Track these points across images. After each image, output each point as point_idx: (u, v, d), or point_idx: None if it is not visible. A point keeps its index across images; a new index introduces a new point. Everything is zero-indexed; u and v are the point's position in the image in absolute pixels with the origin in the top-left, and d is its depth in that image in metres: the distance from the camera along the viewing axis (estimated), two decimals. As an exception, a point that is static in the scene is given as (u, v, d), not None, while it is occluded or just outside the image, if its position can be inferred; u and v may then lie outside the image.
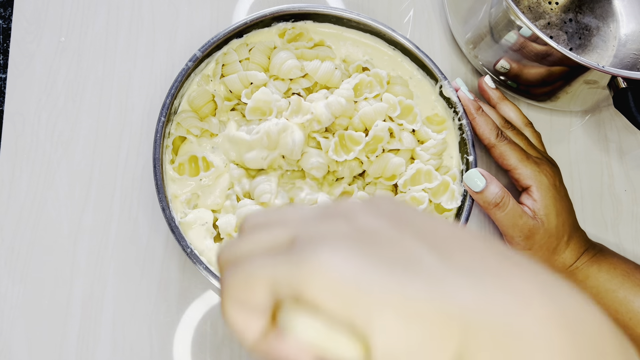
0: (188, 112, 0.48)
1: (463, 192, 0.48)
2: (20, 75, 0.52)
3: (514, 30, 0.47)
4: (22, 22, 0.53)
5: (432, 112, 0.51)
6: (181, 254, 0.49)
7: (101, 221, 0.49)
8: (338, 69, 0.50)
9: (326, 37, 0.52)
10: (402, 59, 0.52)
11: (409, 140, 0.49)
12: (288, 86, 0.50)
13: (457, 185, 0.49)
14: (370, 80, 0.50)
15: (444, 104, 0.51)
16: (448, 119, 0.51)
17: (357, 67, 0.51)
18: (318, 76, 0.49)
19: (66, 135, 0.51)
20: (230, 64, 0.49)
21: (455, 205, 0.48)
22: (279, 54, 0.49)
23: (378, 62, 0.52)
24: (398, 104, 0.49)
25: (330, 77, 0.50)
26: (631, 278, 0.46)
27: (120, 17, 0.54)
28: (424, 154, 0.49)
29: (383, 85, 0.50)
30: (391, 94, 0.49)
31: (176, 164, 0.47)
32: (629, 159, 0.57)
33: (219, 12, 0.56)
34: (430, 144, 0.49)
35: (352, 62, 0.52)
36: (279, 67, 0.49)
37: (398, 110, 0.49)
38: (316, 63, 0.49)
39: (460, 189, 0.49)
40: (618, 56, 0.57)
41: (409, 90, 0.51)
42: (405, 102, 0.49)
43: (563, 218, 0.46)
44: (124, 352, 0.47)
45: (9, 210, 0.49)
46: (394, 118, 0.49)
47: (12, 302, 0.47)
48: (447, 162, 0.50)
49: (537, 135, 0.51)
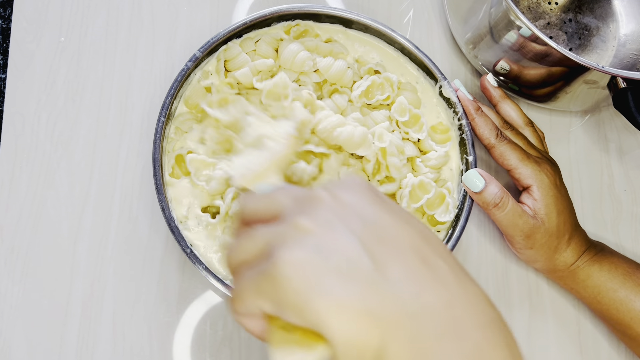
0: (186, 115, 0.48)
1: (458, 205, 0.48)
2: (20, 75, 0.52)
3: (514, 31, 0.47)
4: (21, 22, 0.53)
5: (437, 120, 0.51)
6: (181, 254, 0.49)
7: (101, 221, 0.49)
8: (350, 69, 0.50)
9: (333, 34, 0.52)
10: (404, 60, 0.52)
11: (411, 151, 0.49)
12: (297, 77, 0.50)
13: (452, 199, 0.49)
14: (382, 82, 0.50)
15: (445, 105, 0.51)
16: (451, 127, 0.51)
17: (369, 70, 0.51)
18: (330, 74, 0.49)
19: (66, 135, 0.51)
20: (234, 57, 0.49)
21: (448, 219, 0.48)
22: (289, 46, 0.49)
23: (389, 66, 0.52)
24: (408, 111, 0.49)
25: (342, 76, 0.49)
26: (632, 277, 0.46)
27: (120, 17, 0.54)
28: (422, 167, 0.49)
29: (394, 89, 0.50)
30: (403, 98, 0.49)
31: (169, 169, 0.47)
32: (628, 159, 0.57)
33: (219, 12, 0.56)
34: (432, 155, 0.49)
35: (365, 63, 0.51)
36: (292, 59, 0.48)
37: (407, 116, 0.49)
38: (329, 60, 0.49)
39: (455, 202, 0.49)
40: (618, 56, 0.57)
41: (417, 98, 0.51)
42: (413, 112, 0.49)
43: (564, 217, 0.46)
44: (123, 352, 0.47)
45: (8, 210, 0.49)
46: (400, 124, 0.49)
47: (12, 302, 0.47)
48: (446, 174, 0.50)
49: (538, 135, 0.51)
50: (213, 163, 0.47)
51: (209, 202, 0.47)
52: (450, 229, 0.48)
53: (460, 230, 0.47)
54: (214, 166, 0.47)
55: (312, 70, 0.50)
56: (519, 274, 0.52)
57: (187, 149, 0.47)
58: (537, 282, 0.52)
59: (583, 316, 0.52)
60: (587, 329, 0.52)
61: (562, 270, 0.48)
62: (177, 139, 0.48)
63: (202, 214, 0.46)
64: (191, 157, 0.46)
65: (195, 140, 0.48)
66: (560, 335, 0.51)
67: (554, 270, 0.48)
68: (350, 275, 0.23)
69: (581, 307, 0.52)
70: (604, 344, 0.52)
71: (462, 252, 0.52)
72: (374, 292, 0.23)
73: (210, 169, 0.47)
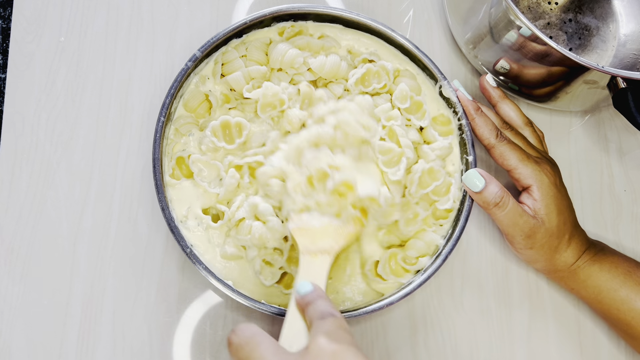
0: (185, 118, 0.48)
1: (461, 197, 0.48)
2: (20, 75, 0.52)
3: (514, 30, 0.47)
4: (21, 22, 0.53)
5: (438, 112, 0.51)
6: (181, 254, 0.49)
7: (101, 221, 0.49)
8: (344, 61, 0.50)
9: (327, 31, 0.52)
10: (403, 59, 0.52)
11: (415, 137, 0.49)
12: (291, 77, 0.49)
13: (457, 190, 0.48)
14: (377, 70, 0.49)
15: (444, 104, 0.51)
16: (452, 120, 0.51)
17: (363, 60, 0.50)
18: (325, 71, 0.49)
19: (66, 135, 0.51)
20: (231, 62, 0.49)
21: (448, 206, 0.48)
22: (277, 47, 0.49)
23: (384, 55, 0.52)
24: (409, 98, 0.49)
25: (337, 71, 0.49)
26: (633, 277, 0.46)
27: (120, 17, 0.54)
28: (430, 153, 0.48)
29: (390, 78, 0.50)
30: (404, 85, 0.49)
31: (170, 170, 0.47)
32: (628, 159, 0.57)
33: (219, 12, 0.56)
34: (437, 145, 0.49)
35: (357, 54, 0.51)
36: (281, 59, 0.48)
37: (408, 102, 0.49)
38: (321, 59, 0.49)
39: (459, 193, 0.49)
40: (618, 56, 0.57)
41: (417, 84, 0.51)
42: (415, 99, 0.49)
43: (564, 217, 0.46)
44: (123, 352, 0.47)
45: (8, 210, 0.49)
46: (402, 110, 0.49)
47: (12, 302, 0.47)
48: (450, 168, 0.50)
49: (537, 135, 0.51)
50: (216, 166, 0.47)
51: (210, 204, 0.47)
52: (450, 228, 0.48)
53: (460, 230, 0.47)
54: (218, 170, 0.47)
55: (303, 66, 0.49)
56: (519, 274, 0.52)
57: (188, 153, 0.47)
58: (537, 282, 0.52)
59: (583, 316, 0.52)
60: (587, 329, 0.52)
61: (562, 271, 0.48)
62: (177, 141, 0.48)
63: (203, 215, 0.46)
64: (194, 158, 0.46)
65: (197, 146, 0.48)
66: (560, 335, 0.51)
67: (555, 271, 0.48)
68: None
69: (581, 307, 0.52)
70: (604, 344, 0.52)
71: (462, 252, 0.52)
72: None
73: (215, 170, 0.47)
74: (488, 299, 0.51)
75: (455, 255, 0.52)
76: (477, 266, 0.52)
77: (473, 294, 0.51)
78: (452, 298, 0.51)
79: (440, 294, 0.51)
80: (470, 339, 0.50)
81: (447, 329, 0.50)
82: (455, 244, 0.47)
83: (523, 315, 0.51)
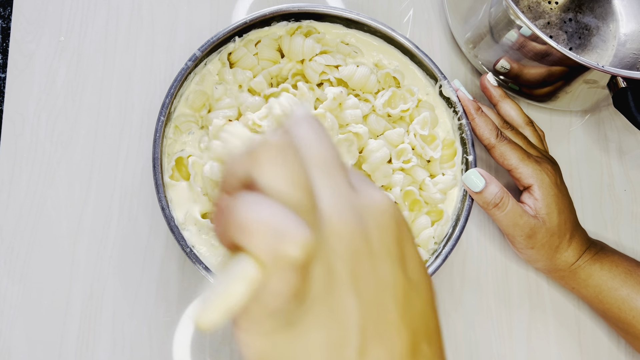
0: (186, 116, 0.48)
1: (448, 232, 0.48)
2: (19, 75, 0.52)
3: (514, 30, 0.47)
4: (21, 22, 0.53)
5: (447, 135, 0.51)
6: (181, 254, 0.49)
7: (101, 221, 0.49)
8: (373, 74, 0.50)
9: (339, 37, 0.52)
10: (406, 60, 0.52)
11: (421, 175, 0.49)
12: (319, 80, 0.50)
13: (444, 226, 0.49)
14: (403, 94, 0.50)
15: (445, 104, 0.51)
16: (455, 140, 0.51)
17: (387, 75, 0.50)
18: (354, 81, 0.49)
19: (66, 135, 0.51)
20: (240, 59, 0.49)
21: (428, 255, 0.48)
22: (293, 40, 0.49)
23: (384, 56, 0.52)
24: (429, 127, 0.49)
25: (366, 83, 0.49)
26: (633, 276, 0.46)
27: (120, 17, 0.54)
28: (430, 186, 0.48)
29: (414, 101, 0.50)
30: (428, 114, 0.49)
31: (170, 171, 0.47)
32: (628, 158, 0.57)
33: (219, 11, 0.56)
34: (439, 179, 0.49)
35: (382, 67, 0.51)
36: (301, 50, 0.49)
37: (427, 130, 0.49)
38: (352, 68, 0.49)
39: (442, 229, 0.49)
40: (618, 56, 0.57)
41: (435, 116, 0.51)
42: (432, 131, 0.50)
43: (565, 216, 0.46)
44: (123, 352, 0.47)
45: (8, 210, 0.49)
46: (419, 137, 0.49)
47: (12, 302, 0.47)
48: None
49: (538, 135, 0.51)
50: None
51: (210, 207, 0.47)
52: (450, 228, 0.48)
53: (460, 230, 0.47)
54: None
55: (327, 73, 0.50)
56: (519, 273, 0.52)
57: (188, 153, 0.47)
58: (537, 282, 0.52)
59: (583, 315, 0.52)
60: (587, 329, 0.52)
61: (563, 270, 0.48)
62: (176, 139, 0.48)
63: (202, 219, 0.46)
64: (193, 160, 0.46)
65: (196, 145, 0.48)
66: (560, 334, 0.51)
67: (555, 270, 0.48)
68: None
69: (581, 306, 0.52)
70: (604, 343, 0.52)
71: (462, 252, 0.52)
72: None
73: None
74: (488, 298, 0.51)
75: (455, 255, 0.52)
76: (477, 266, 0.52)
77: (473, 293, 0.51)
78: (452, 297, 0.51)
79: (440, 293, 0.51)
80: (470, 338, 0.50)
81: (447, 329, 0.50)
82: (455, 243, 0.47)
83: (523, 314, 0.51)
